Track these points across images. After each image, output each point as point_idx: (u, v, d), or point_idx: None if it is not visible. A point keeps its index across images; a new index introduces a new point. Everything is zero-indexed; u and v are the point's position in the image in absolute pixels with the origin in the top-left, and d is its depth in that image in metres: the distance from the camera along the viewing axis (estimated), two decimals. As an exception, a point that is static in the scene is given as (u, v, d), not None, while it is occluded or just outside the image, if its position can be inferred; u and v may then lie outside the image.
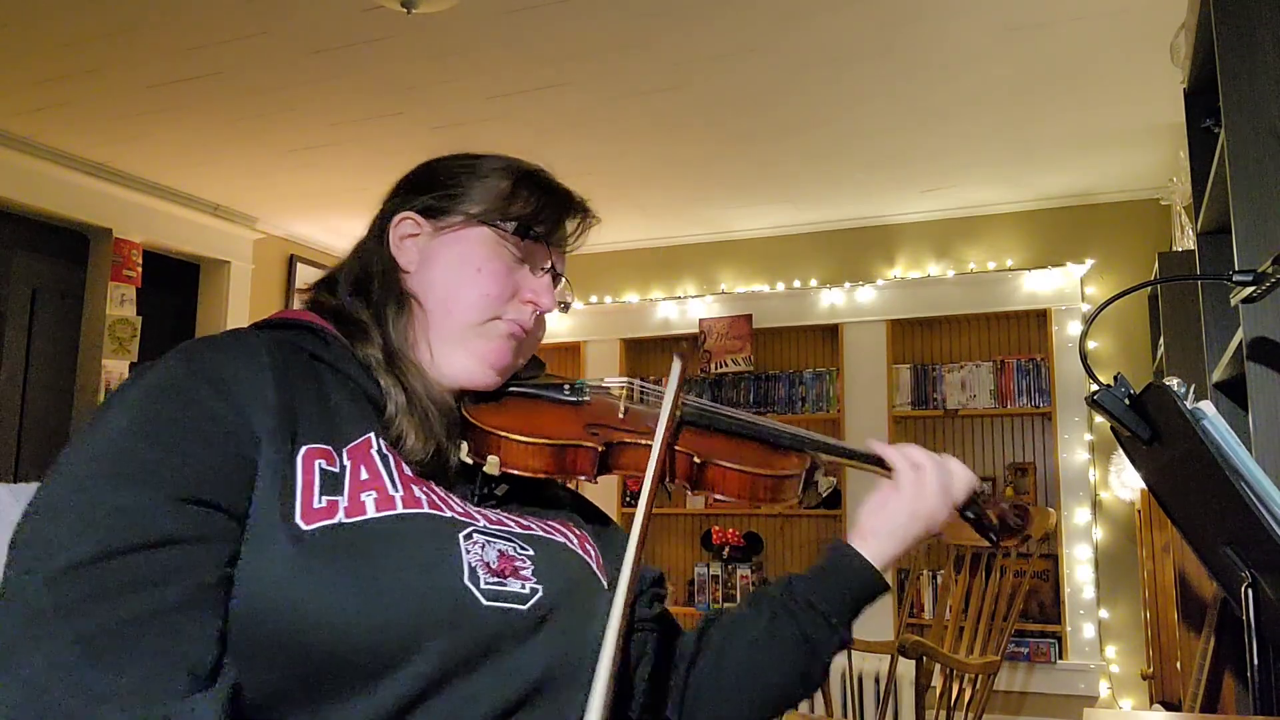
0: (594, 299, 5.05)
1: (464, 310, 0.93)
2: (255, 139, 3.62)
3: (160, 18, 2.73)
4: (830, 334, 4.67)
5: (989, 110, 3.34)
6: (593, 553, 0.94)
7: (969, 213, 4.42)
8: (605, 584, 0.91)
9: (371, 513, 0.78)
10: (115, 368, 4.03)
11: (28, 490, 0.95)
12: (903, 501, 0.98)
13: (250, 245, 4.62)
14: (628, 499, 4.89)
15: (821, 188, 4.19)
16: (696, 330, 4.76)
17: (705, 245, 4.91)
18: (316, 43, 2.87)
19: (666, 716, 0.97)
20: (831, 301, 4.58)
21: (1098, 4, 2.60)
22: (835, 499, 4.48)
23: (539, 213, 0.97)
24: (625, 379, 1.06)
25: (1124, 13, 2.64)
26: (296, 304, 0.99)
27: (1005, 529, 1.07)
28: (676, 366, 0.95)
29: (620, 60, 2.99)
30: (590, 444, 0.91)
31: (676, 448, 0.94)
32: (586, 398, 1.01)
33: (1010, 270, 4.31)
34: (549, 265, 0.99)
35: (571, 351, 5.07)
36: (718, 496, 0.95)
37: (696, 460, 0.93)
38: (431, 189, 0.97)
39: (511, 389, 0.98)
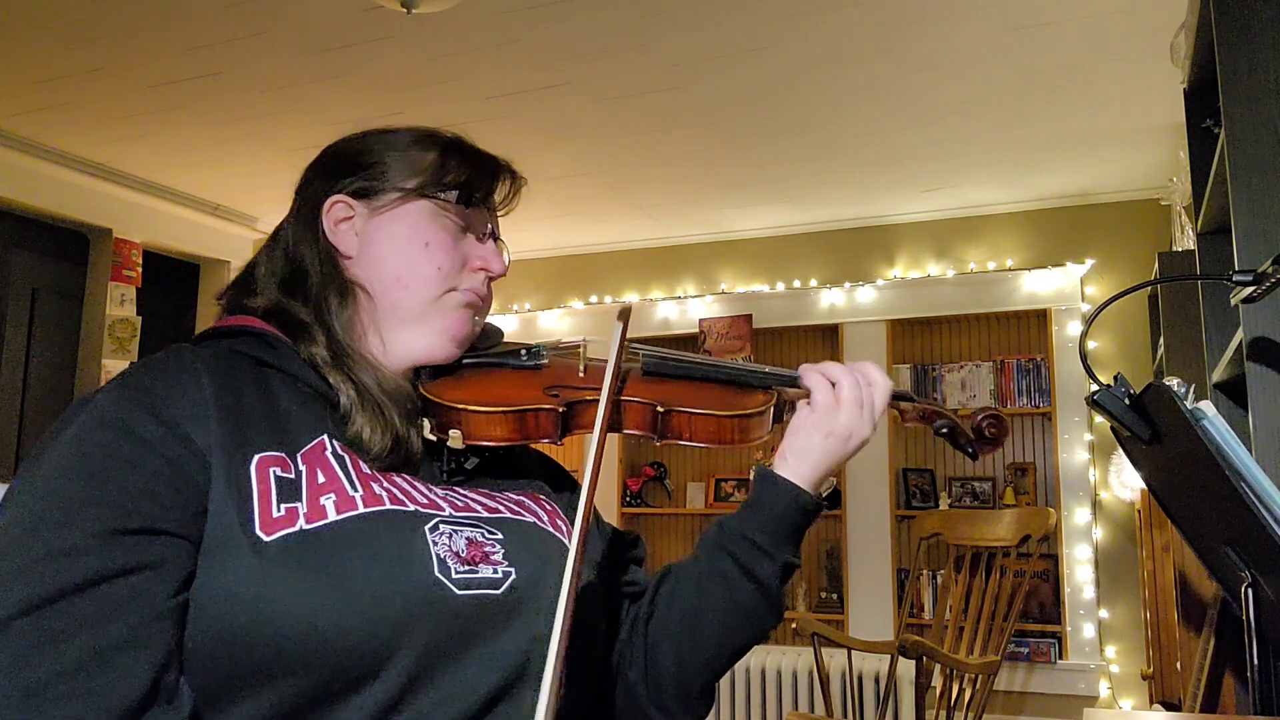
0: (594, 299, 5.05)
1: (419, 286, 0.91)
2: (255, 139, 3.63)
3: (160, 18, 2.73)
4: (830, 334, 4.67)
5: (989, 110, 3.34)
6: (564, 528, 0.93)
7: (969, 213, 4.42)
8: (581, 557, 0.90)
9: (332, 516, 0.77)
10: (115, 368, 4.03)
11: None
12: (818, 419, 0.95)
13: (250, 245, 4.62)
14: (628, 498, 4.89)
15: (821, 188, 4.19)
16: (697, 330, 4.76)
17: (705, 245, 4.91)
18: (316, 43, 2.87)
19: (632, 680, 0.95)
20: (831, 301, 4.58)
21: (1098, 4, 2.60)
22: (835, 499, 4.48)
23: (473, 179, 0.95)
24: (581, 337, 1.04)
25: (1124, 13, 2.64)
26: (213, 314, 0.96)
27: (983, 440, 1.05)
28: (618, 330, 0.92)
29: (620, 61, 2.99)
30: (550, 405, 0.90)
31: (638, 398, 0.92)
32: (544, 360, 1.00)
33: (1010, 270, 4.31)
34: (490, 230, 0.97)
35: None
36: (687, 443, 0.94)
37: (660, 409, 0.92)
38: (355, 169, 0.94)
39: (467, 360, 0.97)
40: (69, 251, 4.13)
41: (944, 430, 1.05)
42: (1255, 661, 1.08)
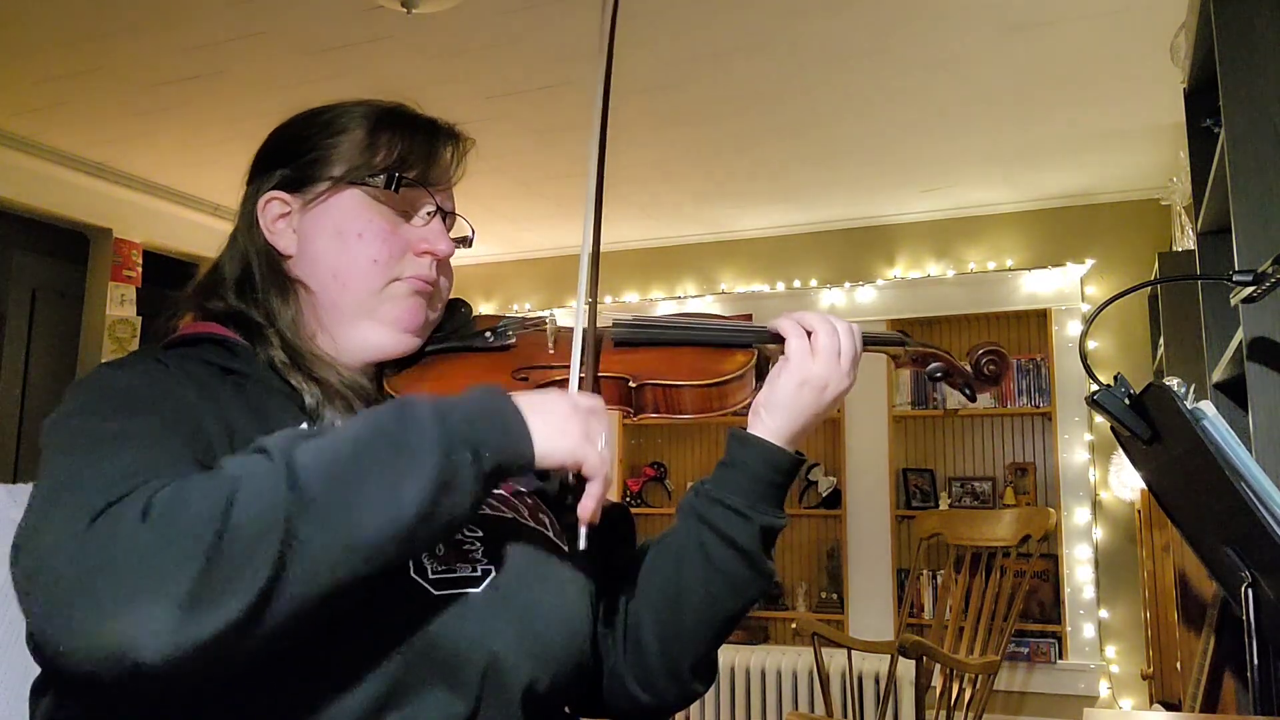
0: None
1: (358, 281, 0.87)
2: (255, 139, 3.59)
3: (160, 18, 2.73)
4: (830, 334, 4.67)
5: (989, 110, 3.34)
6: (547, 520, 0.90)
7: (969, 213, 4.42)
8: (565, 549, 0.88)
9: None
10: (115, 368, 4.03)
11: (26, 491, 0.95)
12: (792, 371, 0.91)
13: (250, 245, 4.61)
14: (628, 499, 4.89)
15: (821, 188, 4.19)
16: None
17: (705, 245, 4.91)
18: (316, 43, 2.87)
19: (614, 661, 0.93)
20: (831, 301, 4.58)
21: (1098, 4, 2.60)
22: (835, 499, 4.49)
23: (406, 156, 0.90)
24: (549, 311, 1.00)
25: (1124, 13, 2.64)
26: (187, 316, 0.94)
27: (983, 378, 1.00)
28: (607, 9, 0.90)
29: (619, 60, 2.97)
30: (518, 390, 0.87)
31: (609, 373, 0.88)
32: (512, 340, 0.96)
33: (1010, 270, 4.31)
34: (434, 209, 0.92)
35: (571, 351, 5.07)
36: (665, 415, 0.90)
37: (631, 384, 0.88)
38: (288, 159, 0.91)
39: (431, 349, 0.93)
40: (69, 251, 4.13)
41: (939, 374, 1.00)
42: (1255, 661, 1.08)
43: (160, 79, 3.13)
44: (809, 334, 0.93)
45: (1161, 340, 3.04)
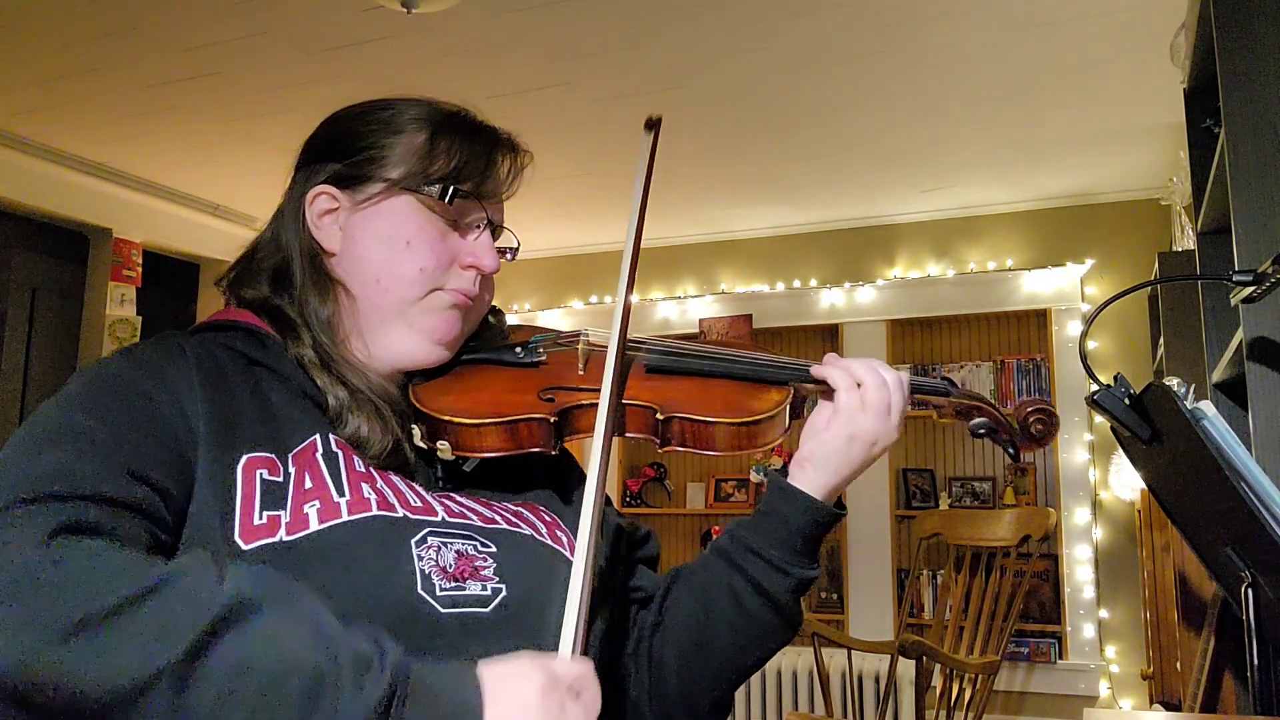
0: (594, 299, 5.04)
1: (401, 288, 0.86)
2: (255, 139, 3.62)
3: (160, 18, 2.73)
4: (830, 334, 4.67)
5: (989, 110, 3.34)
6: (564, 539, 0.88)
7: (969, 213, 4.42)
8: None
9: (314, 525, 0.73)
10: (115, 368, 4.03)
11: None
12: (841, 424, 0.87)
13: (250, 245, 4.61)
14: (628, 499, 4.89)
15: (821, 188, 4.18)
16: (698, 329, 4.76)
17: (705, 245, 4.91)
18: (316, 43, 2.87)
19: (635, 696, 0.91)
20: (831, 301, 4.58)
21: (1098, 4, 2.60)
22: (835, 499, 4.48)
23: (464, 166, 0.89)
24: (583, 329, 0.96)
25: (1124, 13, 2.64)
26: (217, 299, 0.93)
27: (1029, 438, 0.93)
28: (646, 144, 0.87)
29: (620, 60, 2.99)
30: (542, 414, 0.83)
31: (638, 401, 0.85)
32: (542, 357, 0.93)
33: (1010, 270, 4.31)
34: (484, 222, 0.91)
35: (571, 351, 5.06)
36: (692, 450, 0.86)
37: (660, 416, 0.84)
38: (343, 154, 0.89)
39: (461, 357, 0.91)
40: (69, 251, 4.13)
41: (983, 430, 0.93)
42: (1255, 661, 1.08)
43: (160, 79, 3.13)
44: (858, 384, 0.89)
45: (1161, 340, 3.04)
